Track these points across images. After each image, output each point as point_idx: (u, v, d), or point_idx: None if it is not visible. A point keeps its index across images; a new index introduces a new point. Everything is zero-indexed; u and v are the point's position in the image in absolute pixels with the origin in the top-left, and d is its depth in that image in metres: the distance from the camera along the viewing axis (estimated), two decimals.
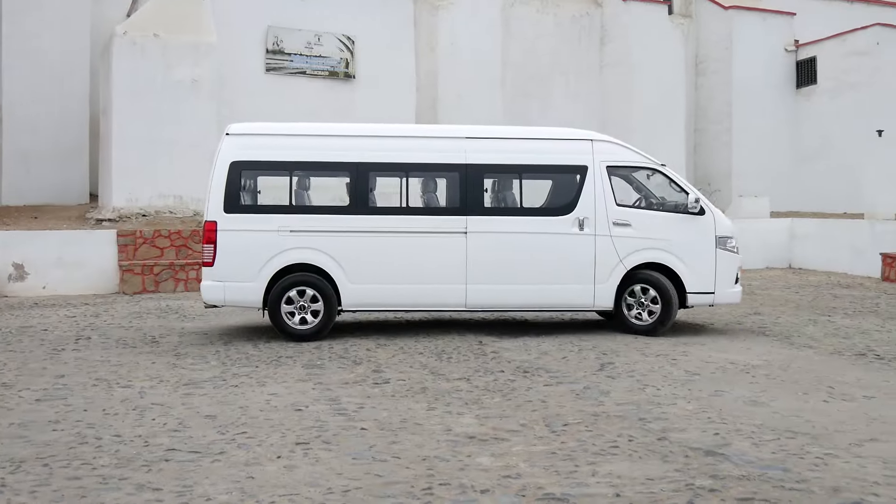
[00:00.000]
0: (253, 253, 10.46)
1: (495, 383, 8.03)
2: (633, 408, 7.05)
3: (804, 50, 29.57)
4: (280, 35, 22.24)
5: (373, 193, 10.84)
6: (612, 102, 27.31)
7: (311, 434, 6.22)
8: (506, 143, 11.06)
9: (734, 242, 10.97)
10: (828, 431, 6.33)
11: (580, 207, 10.75)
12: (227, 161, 10.65)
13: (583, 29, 27.83)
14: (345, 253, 10.52)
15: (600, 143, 11.04)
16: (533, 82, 26.69)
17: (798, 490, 4.98)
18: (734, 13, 29.15)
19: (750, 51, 29.11)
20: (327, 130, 11.22)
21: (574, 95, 27.06)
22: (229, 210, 10.55)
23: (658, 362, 9.09)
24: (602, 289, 10.75)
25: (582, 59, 27.69)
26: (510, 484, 5.11)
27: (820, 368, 8.83)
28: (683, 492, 4.96)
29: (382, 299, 10.74)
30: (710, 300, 10.96)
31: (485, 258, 10.58)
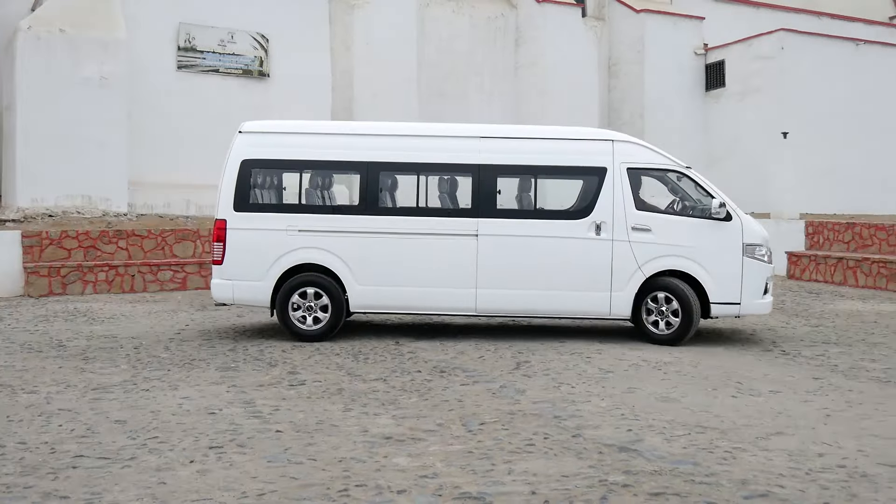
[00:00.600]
0: (261, 252, 10.41)
1: (412, 383, 8.03)
2: (548, 406, 7.12)
3: (713, 53, 30.32)
4: (192, 32, 21.83)
5: (382, 194, 10.64)
6: (527, 103, 27.57)
7: (224, 437, 6.12)
8: (521, 143, 10.66)
9: (764, 251, 10.33)
10: (736, 426, 6.49)
11: (597, 211, 10.27)
12: (238, 159, 10.63)
13: (498, 30, 28.05)
14: (353, 254, 10.39)
15: (622, 144, 10.54)
16: (448, 82, 26.80)
17: (707, 483, 5.10)
18: (646, 17, 29.73)
19: (661, 54, 29.73)
20: (339, 129, 11.22)
21: (489, 95, 27.26)
22: (239, 208, 10.51)
23: (573, 360, 9.20)
24: (619, 297, 10.22)
25: (497, 60, 27.90)
26: (427, 484, 5.10)
27: (728, 365, 9.06)
28: (597, 488, 5.03)
29: (390, 302, 10.52)
30: (736, 311, 10.31)
31: (496, 262, 10.25)
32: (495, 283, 10.26)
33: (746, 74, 28.98)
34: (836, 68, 28.78)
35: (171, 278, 16.42)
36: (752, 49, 28.96)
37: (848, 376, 8.50)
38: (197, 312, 13.14)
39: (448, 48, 26.99)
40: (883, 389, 7.89)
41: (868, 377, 8.47)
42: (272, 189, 10.88)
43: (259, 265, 10.42)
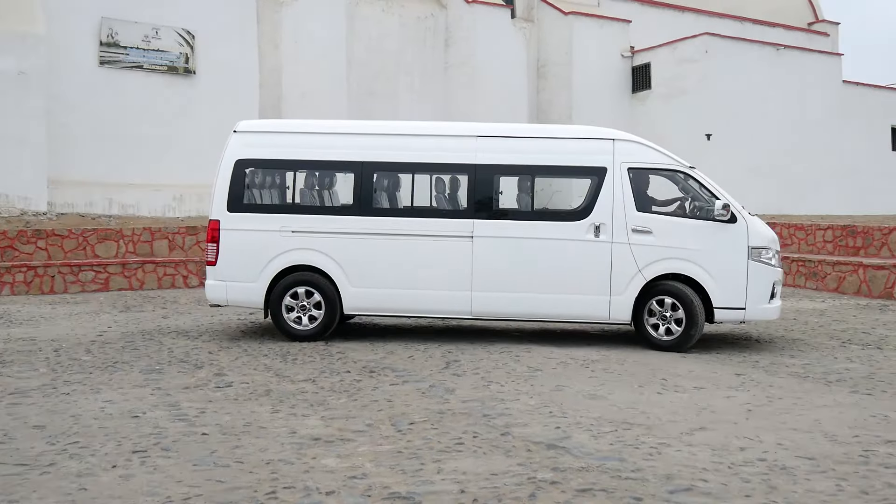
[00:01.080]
0: (255, 253, 10.31)
1: (341, 384, 7.97)
2: (477, 404, 7.14)
3: (639, 56, 30.81)
4: (115, 27, 21.40)
5: (377, 194, 10.46)
6: (456, 103, 27.67)
7: (148, 441, 5.99)
8: (519, 143, 10.42)
9: (771, 254, 9.95)
10: (661, 422, 6.59)
11: (597, 212, 9.98)
12: (233, 159, 10.51)
13: (428, 30, 28.11)
14: (346, 255, 10.24)
15: (623, 143, 10.23)
16: (378, 81, 26.76)
17: (633, 479, 5.16)
18: (573, 19, 30.07)
19: (589, 55, 30.12)
20: (335, 128, 10.94)
21: (419, 95, 27.30)
22: (233, 209, 10.41)
23: (502, 359, 9.24)
24: (619, 301, 9.90)
25: (427, 60, 27.96)
26: (356, 485, 5.07)
27: (654, 362, 9.20)
28: (526, 485, 5.05)
29: (384, 304, 10.36)
30: (741, 316, 9.90)
31: (492, 264, 10.03)
32: (491, 286, 10.04)
33: (671, 77, 29.53)
34: (757, 72, 29.50)
35: (93, 279, 16.06)
36: (677, 52, 29.52)
37: (769, 372, 8.70)
38: (120, 314, 12.86)
39: (378, 47, 26.96)
40: (801, 385, 8.10)
41: (787, 373, 8.68)
42: (266, 189, 10.73)
43: (253, 266, 10.32)
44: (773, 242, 10.05)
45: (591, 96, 29.70)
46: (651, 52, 30.45)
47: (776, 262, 10.01)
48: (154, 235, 17.28)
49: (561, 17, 30.29)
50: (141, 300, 14.51)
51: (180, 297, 14.94)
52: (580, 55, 29.99)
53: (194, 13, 22.49)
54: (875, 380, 8.37)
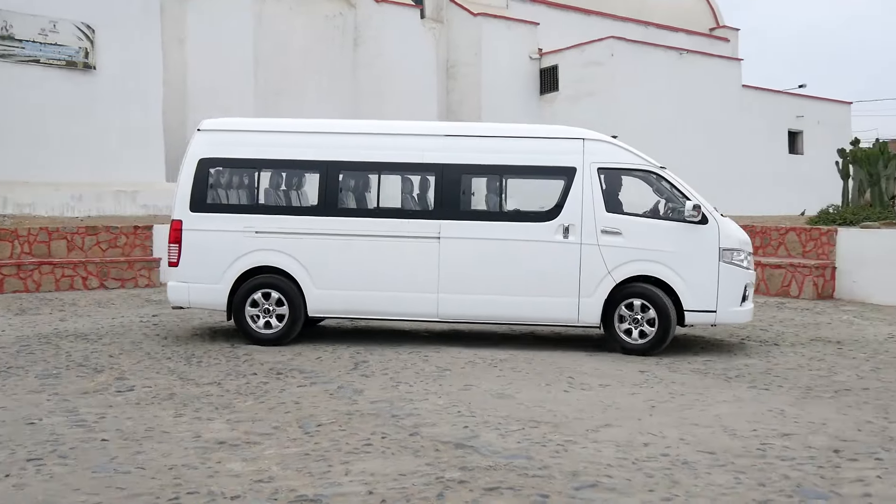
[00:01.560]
0: (218, 254, 10.07)
1: (247, 386, 7.85)
2: (386, 405, 7.11)
3: (547, 58, 31.20)
4: (9, 20, 20.63)
5: (342, 194, 10.23)
6: (365, 103, 27.57)
7: (44, 449, 5.79)
8: (487, 142, 10.19)
9: (743, 256, 9.79)
10: (568, 419, 6.68)
11: (566, 213, 9.77)
12: (196, 158, 10.30)
13: (336, 29, 27.93)
14: (311, 256, 10.00)
15: (593, 143, 10.00)
16: (286, 80, 26.48)
17: (540, 476, 5.21)
18: (482, 20, 30.27)
19: (497, 57, 30.36)
20: (301, 127, 10.66)
21: (328, 94, 27.11)
22: (195, 209, 10.18)
23: (411, 359, 9.23)
24: (588, 303, 9.68)
25: (336, 59, 27.78)
26: (262, 488, 4.99)
27: (561, 360, 9.32)
28: (434, 485, 5.05)
29: (349, 307, 10.13)
30: (712, 319, 9.71)
31: (459, 266, 9.80)
32: (459, 289, 9.82)
33: (578, 79, 29.98)
34: (661, 75, 30.18)
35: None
36: (584, 55, 29.98)
37: (671, 369, 8.90)
38: (15, 317, 12.42)
39: (285, 46, 26.68)
40: (702, 381, 8.31)
41: (689, 369, 8.89)
42: (230, 189, 10.49)
43: (215, 267, 10.10)
44: (745, 244, 9.93)
45: (500, 97, 29.95)
46: (558, 54, 30.87)
47: (748, 265, 9.87)
48: (52, 236, 16.71)
49: (470, 18, 30.46)
50: (37, 303, 14.03)
51: (79, 300, 14.50)
52: (489, 56, 30.22)
53: (94, 6, 21.83)
54: (772, 375, 8.64)
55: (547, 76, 31.25)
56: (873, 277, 14.92)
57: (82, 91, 21.58)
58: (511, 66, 30.72)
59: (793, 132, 35.17)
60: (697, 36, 37.03)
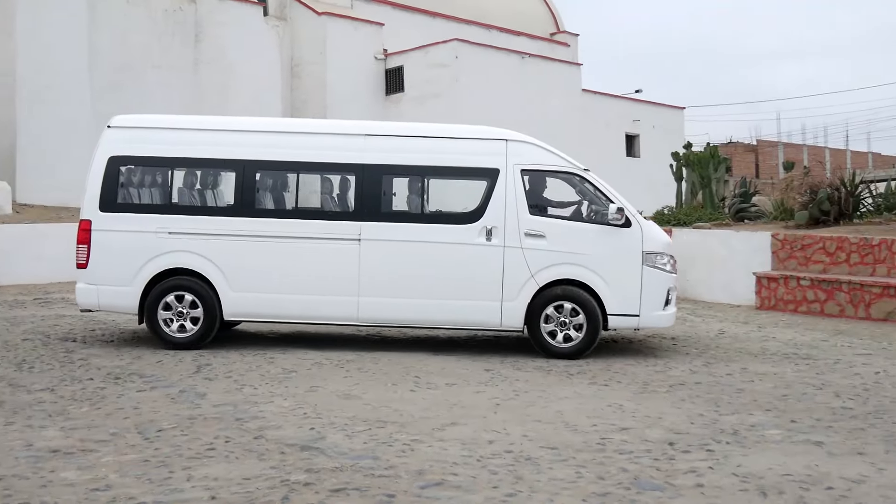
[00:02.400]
0: (129, 255, 9.74)
1: (83, 392, 7.55)
2: (230, 408, 7.00)
3: (392, 59, 31.31)
4: None
5: (259, 194, 9.92)
6: (208, 100, 26.93)
7: None
8: (409, 142, 9.99)
9: (666, 259, 9.72)
10: (414, 419, 6.75)
11: (488, 215, 9.61)
12: (106, 156, 9.97)
13: (177, 24, 27.18)
14: (226, 258, 9.69)
15: (516, 144, 9.85)
16: (125, 75, 25.55)
17: (387, 476, 5.25)
18: (327, 19, 30.09)
19: (343, 57, 30.24)
20: (218, 125, 10.37)
21: (169, 90, 26.31)
22: (105, 208, 9.87)
23: (256, 361, 9.11)
24: (511, 307, 9.55)
25: (176, 55, 27.04)
26: (98, 497, 4.83)
27: (407, 360, 9.39)
28: (279, 488, 5.01)
29: (266, 310, 9.83)
30: (635, 323, 9.68)
31: (380, 269, 9.58)
32: (380, 292, 9.61)
33: (424, 80, 30.24)
34: (504, 78, 30.80)
35: None
36: (429, 56, 30.27)
37: (516, 367, 9.12)
38: None
39: (123, 40, 25.73)
40: (546, 378, 8.56)
41: (533, 367, 9.14)
42: (142, 188, 10.13)
43: (127, 269, 9.76)
44: (668, 247, 9.90)
45: (345, 97, 29.85)
46: (404, 55, 31.05)
47: (671, 268, 9.82)
48: None
49: (314, 17, 30.23)
50: None
51: None
52: (334, 56, 30.07)
53: None
54: (612, 371, 8.99)
55: (392, 77, 31.38)
56: (705, 276, 15.72)
57: None
58: (356, 66, 30.67)
59: (630, 135, 36.62)
60: (539, 40, 37.99)
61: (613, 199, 9.73)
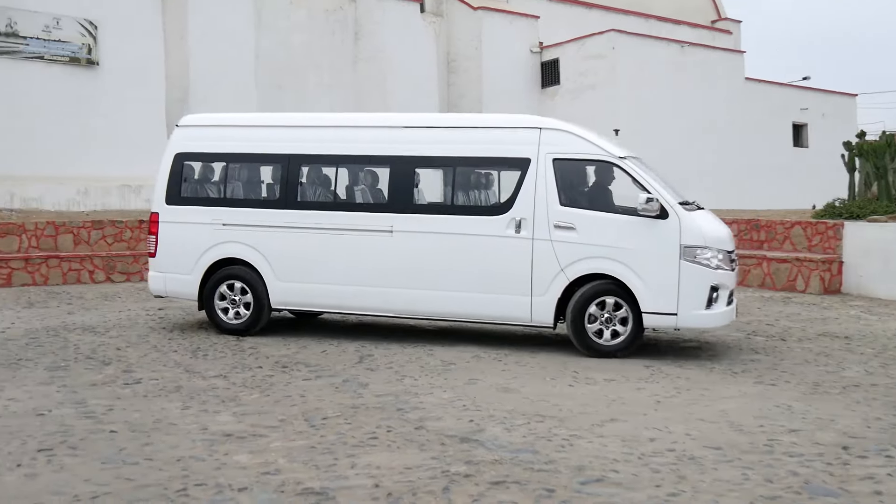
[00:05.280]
0: (190, 245, 10.38)
1: (253, 379, 7.90)
2: (391, 398, 7.16)
3: (548, 52, 31.16)
4: (14, 17, 20.69)
5: (302, 187, 10.30)
6: (366, 97, 27.58)
7: (54, 440, 5.85)
8: (443, 133, 9.90)
9: (709, 254, 8.87)
10: (573, 414, 6.71)
11: (518, 206, 9.31)
12: (173, 153, 10.69)
13: (337, 23, 27.92)
14: (272, 249, 10.13)
15: (550, 133, 9.44)
16: (287, 75, 26.48)
17: (546, 471, 5.25)
18: (483, 14, 30.24)
19: (498, 51, 30.33)
20: (270, 121, 10.95)
21: (329, 88, 27.11)
22: (170, 202, 10.58)
23: (416, 353, 9.27)
24: (540, 302, 9.19)
25: (336, 53, 27.79)
26: (269, 480, 5.04)
27: (565, 356, 9.33)
28: (440, 479, 5.09)
29: (309, 300, 10.18)
30: (673, 322, 8.97)
31: (411, 261, 9.60)
32: (411, 284, 9.62)
33: (579, 73, 29.95)
34: (663, 68, 30.13)
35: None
36: (585, 48, 29.94)
37: (677, 364, 8.92)
38: (23, 310, 12.47)
39: (286, 40, 26.68)
40: (708, 376, 8.33)
41: (695, 364, 8.91)
42: (201, 182, 10.79)
43: (188, 258, 10.39)
44: (716, 241, 9.02)
45: (500, 91, 29.93)
46: (559, 47, 30.84)
47: (717, 264, 8.93)
48: (58, 230, 16.76)
49: (470, 13, 30.44)
50: (45, 296, 14.08)
51: (86, 293, 14.55)
52: (490, 50, 30.19)
53: (97, 3, 21.89)
54: (779, 370, 8.65)
55: (548, 70, 31.23)
56: (880, 272, 14.88)
57: (86, 87, 21.64)
58: (512, 59, 30.70)
59: (797, 125, 35.16)
60: (699, 28, 37.00)
61: (649, 189, 9.03)
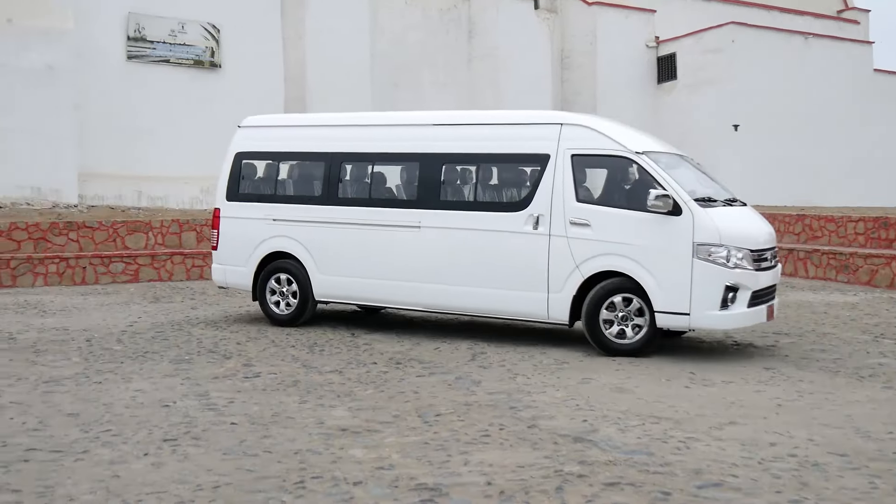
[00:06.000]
0: (245, 239, 11.03)
1: (368, 375, 8.01)
2: (504, 397, 7.15)
3: (664, 46, 30.61)
4: (142, 22, 21.56)
5: (342, 184, 10.76)
6: (480, 94, 27.64)
7: (179, 430, 6.06)
8: (467, 130, 10.11)
9: (724, 252, 8.54)
10: (689, 416, 6.57)
11: (536, 203, 9.28)
12: (234, 152, 11.38)
13: (451, 21, 28.08)
14: (315, 243, 10.61)
15: (571, 128, 9.37)
16: (402, 73, 26.77)
17: (662, 473, 5.15)
18: (598, 9, 29.92)
19: (613, 46, 29.96)
20: (318, 121, 11.72)
21: (443, 87, 27.28)
22: (231, 198, 11.26)
23: (529, 352, 9.24)
24: (557, 299, 9.14)
25: (450, 52, 27.94)
26: (383, 475, 5.10)
27: (682, 355, 9.15)
28: (553, 478, 5.06)
29: (346, 292, 10.57)
30: (686, 323, 8.70)
31: (436, 256, 9.79)
32: (436, 279, 9.81)
33: (697, 67, 29.32)
34: (785, 61, 29.22)
35: (124, 270, 16.21)
36: (703, 42, 29.29)
37: (799, 367, 8.63)
38: (150, 304, 12.99)
39: (401, 40, 26.97)
40: (832, 379, 8.03)
41: (818, 367, 8.60)
42: (256, 180, 11.37)
43: (244, 252, 11.03)
44: (735, 239, 8.66)
45: (616, 87, 29.57)
46: (676, 41, 30.24)
47: (736, 262, 8.60)
48: (182, 227, 17.41)
49: (585, 8, 30.15)
50: (170, 291, 14.63)
51: (208, 289, 15.04)
52: (604, 46, 29.85)
53: (219, 7, 22.61)
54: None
55: (664, 64, 30.66)
56: None
57: (208, 89, 22.38)
58: (627, 55, 30.27)
59: None
60: (824, 19, 35.71)
61: (664, 185, 8.72)
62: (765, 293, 9.03)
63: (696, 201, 8.75)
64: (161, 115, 21.43)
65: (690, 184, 9.09)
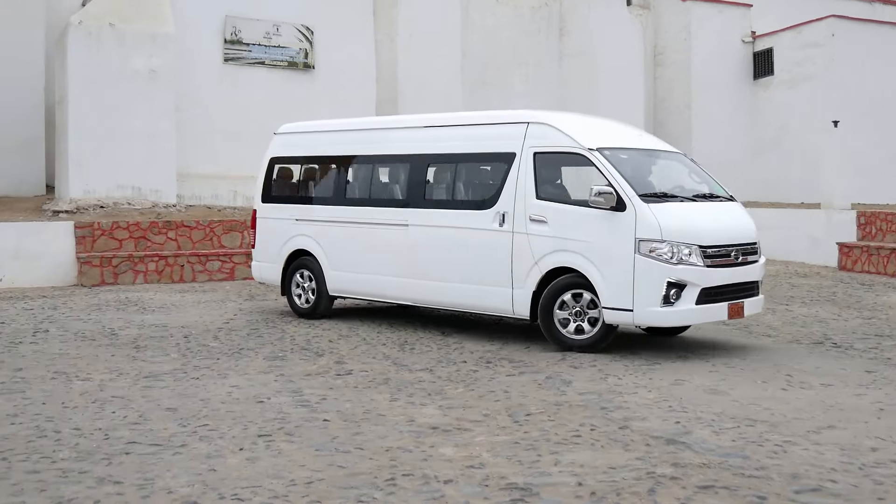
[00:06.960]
0: (275, 238, 11.87)
1: (458, 373, 8.04)
2: (595, 397, 7.10)
3: (761, 41, 29.87)
4: (238, 25, 22.01)
5: (348, 185, 11.53)
6: (571, 93, 27.38)
7: (273, 426, 6.19)
8: (446, 131, 10.53)
9: (667, 248, 8.51)
10: (786, 419, 6.41)
11: (502, 200, 9.56)
12: (268, 157, 12.30)
13: (542, 20, 27.90)
14: (326, 241, 11.32)
15: (536, 126, 9.58)
16: (492, 72, 26.71)
17: (757, 477, 5.04)
18: (692, 5, 29.36)
19: (708, 42, 29.34)
20: (335, 126, 12.18)
21: (534, 86, 27.12)
22: (265, 200, 12.24)
23: (620, 352, 9.14)
24: (519, 294, 9.36)
25: (541, 50, 27.76)
26: (473, 474, 5.12)
27: (778, 357, 8.94)
28: (645, 480, 5.00)
29: (353, 287, 11.21)
30: (630, 319, 8.73)
31: (422, 252, 10.32)
32: (422, 274, 10.32)
33: (795, 62, 28.50)
34: (888, 55, 28.19)
35: (220, 268, 16.60)
36: (802, 36, 28.48)
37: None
38: (245, 302, 13.28)
39: (492, 38, 26.90)
40: None
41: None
42: (284, 183, 12.28)
43: (274, 249, 11.87)
44: (681, 235, 8.58)
45: (710, 83, 28.94)
46: (773, 36, 29.46)
47: (681, 259, 8.52)
48: None
49: (678, 4, 29.61)
50: (264, 289, 14.92)
51: None
52: (699, 42, 29.24)
53: (312, 9, 22.91)
54: None
55: (761, 60, 29.89)
56: None
57: (302, 90, 22.70)
58: (722, 50, 29.59)
59: None
60: None
61: (611, 181, 8.78)
62: (726, 290, 8.93)
63: (647, 197, 8.79)
64: (256, 116, 21.80)
65: (659, 181, 9.34)
